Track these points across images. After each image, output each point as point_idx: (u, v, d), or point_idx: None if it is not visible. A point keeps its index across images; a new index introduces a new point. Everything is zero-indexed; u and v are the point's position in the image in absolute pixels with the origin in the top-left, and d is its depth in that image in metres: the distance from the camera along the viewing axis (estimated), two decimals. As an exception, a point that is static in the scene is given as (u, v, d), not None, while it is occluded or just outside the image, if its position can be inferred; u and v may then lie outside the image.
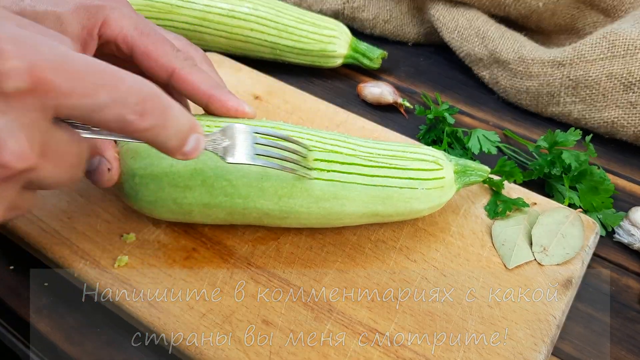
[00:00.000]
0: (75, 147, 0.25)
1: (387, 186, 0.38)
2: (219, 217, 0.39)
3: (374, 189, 0.38)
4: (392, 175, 0.38)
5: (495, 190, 0.45)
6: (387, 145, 0.40)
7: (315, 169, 0.37)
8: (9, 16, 0.23)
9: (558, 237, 0.41)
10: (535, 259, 0.40)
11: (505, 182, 0.45)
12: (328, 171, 0.37)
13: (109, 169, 0.35)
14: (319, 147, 0.38)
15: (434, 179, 0.39)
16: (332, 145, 0.38)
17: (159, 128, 0.26)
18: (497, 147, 0.52)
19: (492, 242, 0.41)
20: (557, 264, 0.40)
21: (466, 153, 0.51)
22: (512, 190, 0.46)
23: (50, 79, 0.21)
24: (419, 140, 0.53)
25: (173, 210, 0.38)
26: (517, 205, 0.43)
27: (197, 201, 0.37)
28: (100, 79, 0.23)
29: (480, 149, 0.50)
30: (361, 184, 0.37)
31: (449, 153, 0.48)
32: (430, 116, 0.53)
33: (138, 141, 0.27)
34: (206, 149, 0.31)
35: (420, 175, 0.39)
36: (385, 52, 0.61)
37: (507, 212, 0.43)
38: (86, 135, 0.27)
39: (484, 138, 0.51)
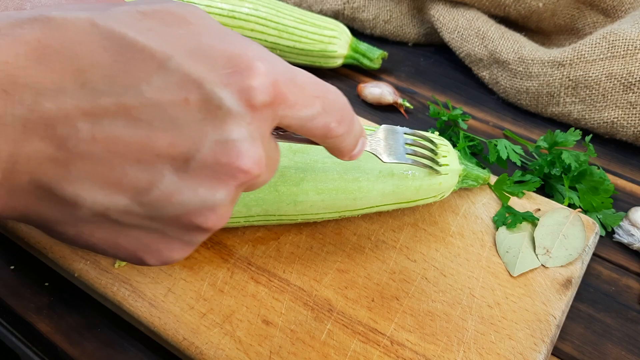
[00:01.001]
0: (277, 153, 0.26)
1: None
2: None
3: None
4: None
5: (501, 199, 0.45)
6: None
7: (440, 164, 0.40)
8: (234, 33, 0.25)
9: (560, 238, 0.41)
10: (539, 266, 0.40)
11: (493, 178, 0.46)
12: None
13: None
14: None
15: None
16: None
17: (347, 134, 0.28)
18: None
19: (496, 250, 0.41)
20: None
21: (478, 162, 0.51)
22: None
23: (285, 92, 0.23)
24: None
25: None
26: (527, 219, 0.42)
27: None
28: (315, 90, 0.25)
29: (508, 156, 0.50)
30: None
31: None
32: (444, 118, 0.53)
33: (314, 144, 0.29)
34: (365, 150, 0.33)
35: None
36: (385, 52, 0.61)
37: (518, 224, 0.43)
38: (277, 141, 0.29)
39: (510, 148, 0.50)
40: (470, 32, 0.60)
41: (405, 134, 0.37)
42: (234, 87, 0.22)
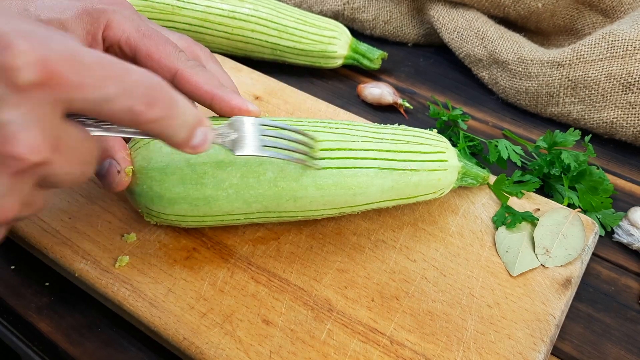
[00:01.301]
0: (86, 144, 0.25)
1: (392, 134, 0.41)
2: (232, 182, 0.37)
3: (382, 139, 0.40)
4: (396, 134, 0.41)
5: (501, 199, 0.44)
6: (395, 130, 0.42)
7: (320, 156, 0.38)
8: (15, 15, 0.23)
9: (559, 237, 0.41)
10: (539, 265, 0.40)
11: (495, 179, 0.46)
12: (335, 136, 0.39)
13: (118, 171, 0.35)
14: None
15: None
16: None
17: (166, 119, 0.26)
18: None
19: (496, 249, 0.41)
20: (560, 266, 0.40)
21: (478, 162, 0.51)
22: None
23: (61, 72, 0.22)
24: None
25: (184, 178, 0.37)
26: (527, 219, 0.42)
27: (211, 159, 0.37)
28: (108, 71, 0.23)
29: (508, 156, 0.50)
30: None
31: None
32: (444, 118, 0.53)
33: (147, 137, 0.28)
34: (214, 143, 0.31)
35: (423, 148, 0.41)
36: (385, 52, 0.61)
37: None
38: (96, 133, 0.27)
39: (510, 149, 0.50)
40: (469, 32, 0.60)
41: (263, 125, 0.35)
42: None
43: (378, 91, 0.58)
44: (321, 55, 0.60)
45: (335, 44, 0.59)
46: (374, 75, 0.63)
